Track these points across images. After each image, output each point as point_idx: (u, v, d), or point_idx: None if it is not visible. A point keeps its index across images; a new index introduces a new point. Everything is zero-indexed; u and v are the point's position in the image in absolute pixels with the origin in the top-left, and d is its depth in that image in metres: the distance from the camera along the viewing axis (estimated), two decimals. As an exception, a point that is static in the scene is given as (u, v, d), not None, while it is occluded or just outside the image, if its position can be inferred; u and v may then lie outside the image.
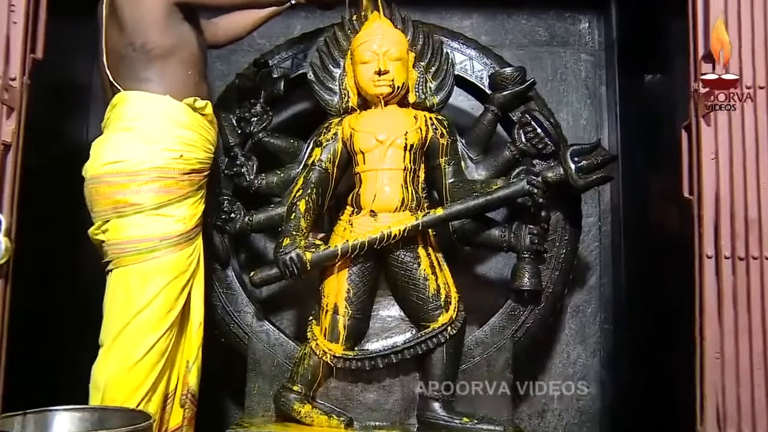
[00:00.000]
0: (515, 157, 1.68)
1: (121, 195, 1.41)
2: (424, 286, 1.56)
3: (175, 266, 1.44)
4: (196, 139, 1.49)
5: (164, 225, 1.43)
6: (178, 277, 1.45)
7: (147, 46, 1.44)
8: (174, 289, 1.44)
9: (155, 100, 1.45)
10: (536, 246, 1.61)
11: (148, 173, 1.42)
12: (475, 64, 1.79)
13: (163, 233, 1.43)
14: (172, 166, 1.44)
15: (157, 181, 1.42)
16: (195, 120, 1.49)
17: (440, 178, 1.65)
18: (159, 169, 1.43)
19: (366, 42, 1.62)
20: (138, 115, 1.44)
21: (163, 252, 1.42)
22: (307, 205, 1.58)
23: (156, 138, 1.44)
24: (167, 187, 1.44)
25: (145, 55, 1.44)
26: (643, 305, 1.91)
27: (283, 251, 1.49)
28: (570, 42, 2.24)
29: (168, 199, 1.44)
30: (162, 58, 1.45)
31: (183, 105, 1.47)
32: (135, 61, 1.45)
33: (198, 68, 1.53)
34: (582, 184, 1.56)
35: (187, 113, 1.48)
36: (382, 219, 1.56)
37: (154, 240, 1.42)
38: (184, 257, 1.46)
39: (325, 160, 1.64)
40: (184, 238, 1.46)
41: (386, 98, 1.62)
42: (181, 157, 1.45)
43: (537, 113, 1.69)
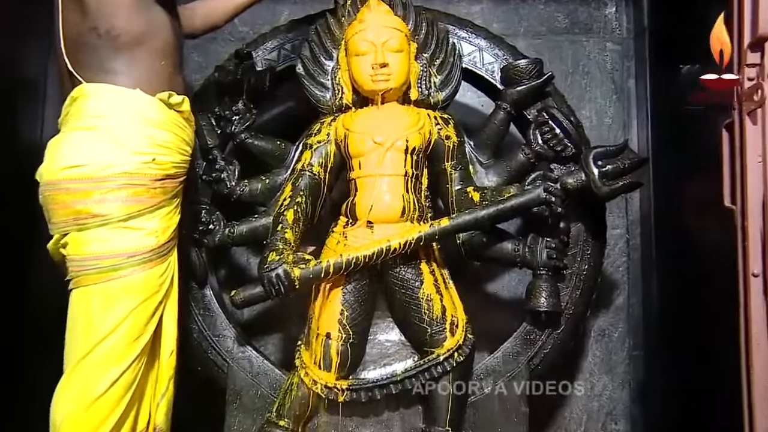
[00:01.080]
0: (530, 160, 1.71)
1: (83, 204, 1.39)
2: (427, 307, 1.59)
3: (144, 286, 1.43)
4: (170, 139, 1.49)
5: (133, 239, 1.42)
6: (149, 299, 1.44)
7: (113, 31, 1.43)
8: (143, 312, 1.43)
9: (123, 94, 1.44)
10: (554, 261, 1.64)
11: (114, 179, 1.40)
12: (486, 56, 1.83)
13: (132, 249, 1.42)
14: (143, 171, 1.43)
15: (125, 189, 1.41)
16: (169, 118, 1.49)
17: (446, 184, 1.68)
18: (127, 175, 1.41)
19: (362, 31, 1.66)
20: (103, 112, 1.43)
21: (131, 270, 1.41)
22: (296, 216, 1.60)
23: (124, 138, 1.42)
24: (137, 196, 1.42)
25: (112, 42, 1.43)
26: (678, 329, 1.93)
27: (268, 267, 1.50)
28: (594, 29, 2.28)
29: (138, 210, 1.43)
30: (131, 47, 1.45)
31: (155, 100, 1.47)
32: (99, 49, 1.44)
33: (172, 59, 1.52)
34: (607, 191, 1.58)
35: (161, 110, 1.47)
36: (381, 231, 1.59)
37: (121, 256, 1.40)
38: (156, 276, 1.45)
39: (316, 164, 1.67)
40: (155, 255, 1.45)
41: (385, 95, 1.66)
42: (154, 160, 1.45)
43: (555, 111, 1.72)
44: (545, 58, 1.89)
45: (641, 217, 2.19)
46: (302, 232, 1.62)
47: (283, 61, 1.85)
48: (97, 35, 1.43)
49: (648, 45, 2.18)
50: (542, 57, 1.84)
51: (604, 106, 2.23)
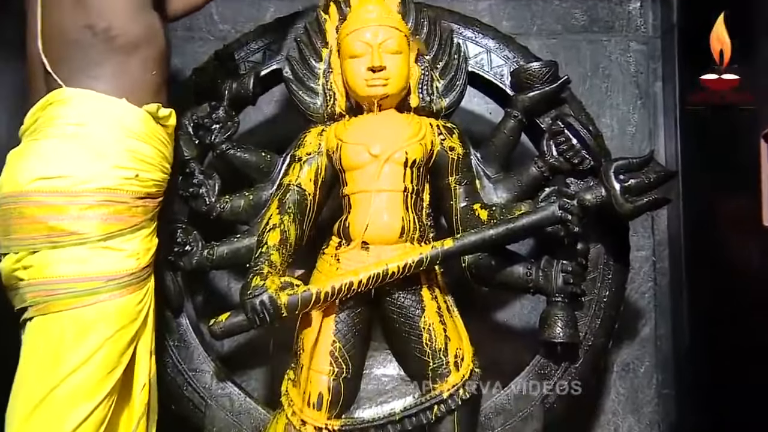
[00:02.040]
0: (544, 174, 1.74)
1: (57, 220, 1.40)
2: (429, 338, 1.60)
3: (122, 314, 1.44)
4: (153, 155, 1.51)
5: (112, 261, 1.44)
6: (125, 328, 1.45)
7: (111, 32, 1.44)
8: (118, 342, 1.44)
9: (108, 103, 1.46)
10: (571, 287, 1.65)
11: (93, 195, 1.42)
12: (494, 58, 1.86)
13: (111, 271, 1.43)
14: (125, 187, 1.45)
15: (106, 206, 1.43)
16: (154, 132, 1.52)
17: (450, 201, 1.71)
18: (108, 191, 1.43)
19: (357, 30, 1.69)
20: (84, 119, 1.44)
21: (108, 295, 1.42)
22: (282, 236, 1.62)
23: (105, 151, 1.44)
24: (118, 214, 1.44)
25: (106, 43, 1.45)
26: (713, 364, 1.94)
27: (251, 293, 1.50)
28: (616, 27, 2.31)
29: (118, 229, 1.45)
30: (126, 51, 1.47)
31: (142, 112, 1.49)
32: (91, 50, 1.45)
33: (162, 70, 1.55)
34: (630, 208, 1.60)
35: (146, 123, 1.50)
36: (377, 253, 1.61)
37: (99, 279, 1.42)
38: (134, 303, 1.47)
39: (306, 178, 1.70)
40: (135, 279, 1.47)
41: (382, 101, 1.69)
42: (137, 176, 1.47)
43: (572, 119, 1.75)
44: (561, 59, 1.92)
45: (669, 237, 2.21)
46: (290, 254, 1.64)
47: (269, 63, 1.88)
48: (92, 34, 1.44)
49: (677, 44, 2.20)
50: (557, 59, 1.88)
51: (626, 113, 2.26)
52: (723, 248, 1.90)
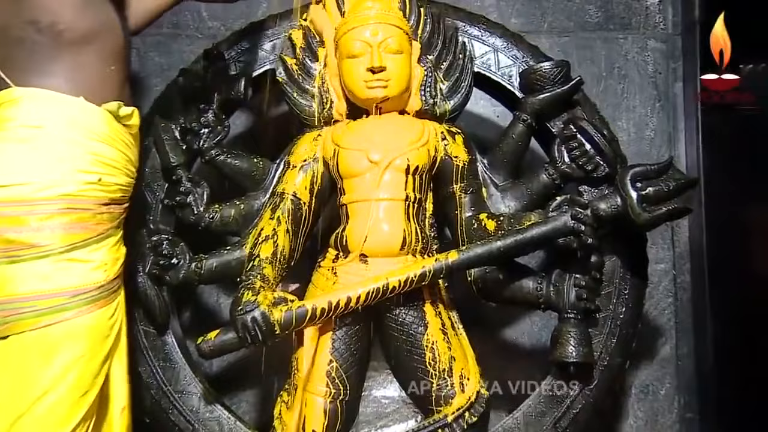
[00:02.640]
0: (555, 182, 1.74)
1: (15, 233, 1.37)
2: (432, 357, 1.62)
3: (92, 331, 1.43)
4: (117, 158, 1.50)
5: (78, 274, 1.43)
6: (97, 346, 1.44)
7: (57, 26, 1.43)
8: (91, 362, 1.43)
9: (64, 103, 1.44)
10: (585, 303, 1.65)
11: (54, 203, 1.40)
12: (502, 58, 1.87)
13: (77, 285, 1.42)
14: (88, 193, 1.44)
15: (68, 214, 1.41)
16: (117, 133, 1.50)
17: (454, 210, 1.73)
18: (70, 198, 1.42)
19: (355, 28, 1.70)
20: (39, 121, 1.42)
21: (75, 312, 1.41)
22: (276, 248, 1.64)
23: (65, 154, 1.42)
24: (82, 222, 1.43)
25: (54, 39, 1.43)
26: (739, 386, 1.95)
27: (242, 309, 1.51)
28: (632, 24, 2.31)
29: (83, 239, 1.43)
30: (77, 46, 1.45)
31: (102, 111, 1.48)
32: (38, 47, 1.43)
33: (122, 64, 1.54)
34: (648, 218, 1.60)
35: (107, 123, 1.48)
36: (377, 266, 1.62)
37: (64, 295, 1.40)
38: (105, 318, 1.46)
39: (300, 187, 1.71)
40: (104, 292, 1.46)
41: (382, 104, 1.70)
42: (100, 180, 1.46)
43: (585, 123, 1.75)
44: (573, 59, 1.93)
45: (691, 249, 2.21)
46: (283, 267, 1.66)
47: (262, 63, 1.89)
48: (36, 30, 1.42)
49: (699, 42, 2.19)
50: (570, 58, 1.89)
51: (644, 116, 2.27)
52: (749, 261, 1.91)
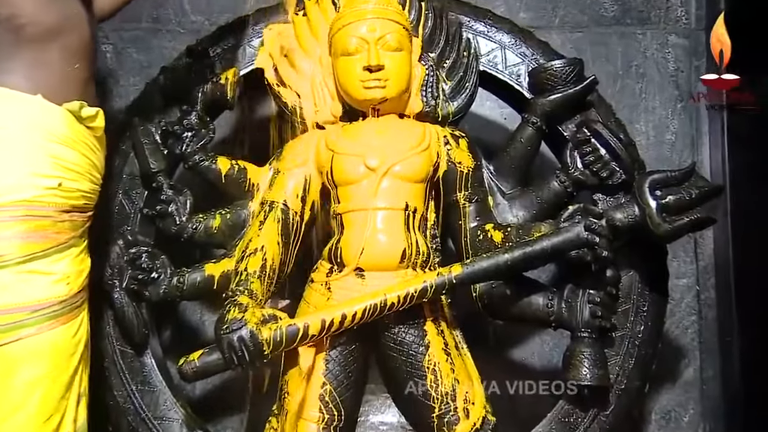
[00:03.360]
0: (568, 190, 1.76)
1: None
2: (434, 380, 1.61)
3: (55, 348, 1.44)
4: (79, 162, 1.51)
5: (38, 287, 1.43)
6: (61, 366, 1.45)
7: (17, 20, 1.43)
8: (56, 384, 1.44)
9: (21, 102, 1.44)
10: (600, 321, 1.66)
11: (10, 209, 1.40)
12: (510, 55, 1.88)
13: (38, 299, 1.43)
14: (47, 199, 1.44)
15: (26, 222, 1.41)
16: (78, 135, 1.51)
17: (458, 221, 1.74)
18: (28, 204, 1.42)
19: (350, 24, 1.71)
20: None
21: (36, 328, 1.42)
22: (264, 261, 1.64)
23: (22, 157, 1.42)
24: (41, 230, 1.43)
25: (13, 33, 1.44)
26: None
27: (228, 328, 1.51)
28: (652, 18, 2.33)
29: (42, 249, 1.44)
30: (38, 42, 1.46)
31: (63, 111, 1.48)
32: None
33: (87, 62, 1.55)
34: (668, 229, 1.60)
35: (68, 124, 1.49)
36: (374, 281, 1.63)
37: (24, 310, 1.41)
38: (69, 335, 1.47)
39: (291, 195, 1.72)
40: (67, 307, 1.47)
41: (380, 106, 1.72)
42: (60, 186, 1.46)
43: (600, 126, 1.75)
44: (587, 56, 1.93)
45: (716, 263, 2.22)
46: (273, 282, 1.66)
47: (250, 61, 1.90)
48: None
49: None
50: (583, 56, 1.88)
51: (665, 118, 2.28)
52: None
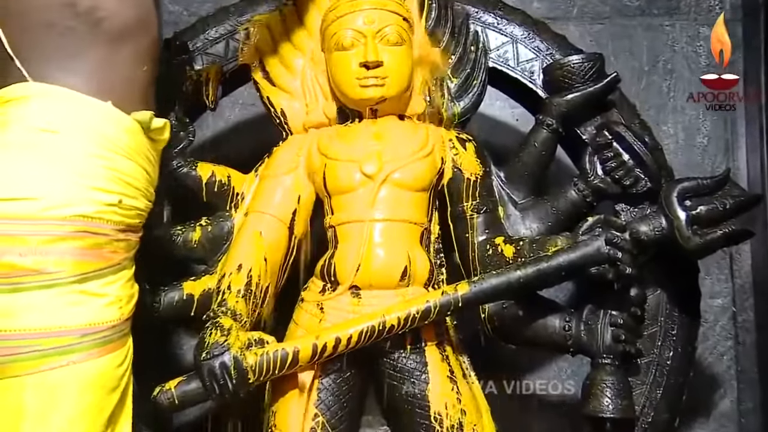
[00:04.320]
0: (587, 199, 1.76)
1: (13, 256, 1.35)
2: (438, 412, 1.61)
3: (100, 380, 1.42)
4: (138, 177, 1.50)
5: (90, 310, 1.41)
6: (104, 399, 1.43)
7: (97, 13, 1.43)
8: (97, 418, 1.42)
9: (88, 107, 1.43)
10: (623, 346, 1.65)
11: (66, 223, 1.38)
12: (522, 50, 1.88)
13: (88, 323, 1.41)
14: (107, 216, 1.43)
15: (82, 239, 1.40)
16: (141, 147, 1.51)
17: (465, 233, 1.74)
18: (86, 219, 1.40)
19: (345, 15, 1.72)
20: (55, 125, 1.41)
21: (84, 355, 1.39)
22: (250, 279, 1.65)
23: (83, 168, 1.41)
24: (97, 249, 1.42)
25: (91, 28, 1.44)
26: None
27: (209, 353, 1.51)
28: (681, 8, 2.34)
29: (97, 269, 1.42)
30: (114, 39, 1.46)
31: (131, 122, 1.48)
32: (69, 36, 1.43)
33: (154, 63, 1.56)
34: (699, 243, 1.60)
35: (134, 135, 1.49)
36: (372, 300, 1.63)
37: (73, 334, 1.39)
38: (113, 366, 1.45)
39: (280, 205, 1.73)
40: (117, 333, 1.46)
41: (378, 106, 1.73)
42: (120, 203, 1.45)
43: (623, 128, 1.76)
44: (608, 51, 1.94)
45: (754, 281, 2.22)
46: (259, 302, 1.66)
47: (234, 56, 1.90)
48: (73, 14, 1.43)
49: (763, 29, 2.21)
50: (604, 50, 1.92)
51: (695, 118, 2.28)
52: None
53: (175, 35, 1.94)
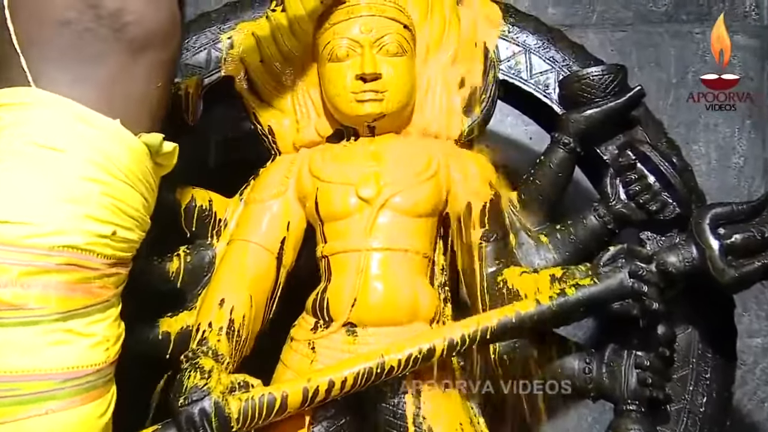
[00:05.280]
0: (608, 227, 1.77)
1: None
2: (443, 463, 1.62)
3: (82, 429, 1.42)
4: (137, 206, 1.48)
5: (74, 351, 1.39)
6: None
7: (123, 17, 1.40)
8: None
9: (93, 124, 1.40)
10: (650, 390, 1.65)
11: (54, 254, 1.35)
12: (536, 61, 1.89)
13: (72, 366, 1.39)
14: (98, 248, 1.40)
15: (70, 272, 1.37)
16: (144, 173, 1.48)
17: (473, 264, 1.74)
18: (75, 251, 1.37)
19: (340, 23, 1.73)
20: (55, 141, 1.37)
21: (64, 403, 1.37)
22: (233, 314, 1.65)
23: (79, 192, 1.38)
24: (85, 284, 1.40)
25: (114, 32, 1.41)
26: None
27: (187, 398, 1.51)
28: (712, 14, 2.34)
29: (84, 306, 1.40)
30: (133, 50, 1.43)
31: (139, 144, 1.46)
32: (88, 39, 1.40)
33: (170, 81, 1.55)
34: (735, 276, 1.59)
35: (140, 160, 1.46)
36: (369, 339, 1.64)
37: (53, 378, 1.36)
38: (96, 414, 1.44)
39: (267, 232, 1.74)
40: (101, 379, 1.44)
41: (376, 123, 1.74)
42: (114, 234, 1.42)
43: (648, 148, 1.76)
44: (632, 61, 1.95)
45: (800, 319, 2.23)
46: (244, 341, 1.67)
47: (217, 67, 1.91)
48: (95, 15, 1.40)
49: None
50: (627, 61, 1.92)
51: (729, 137, 2.30)
52: None
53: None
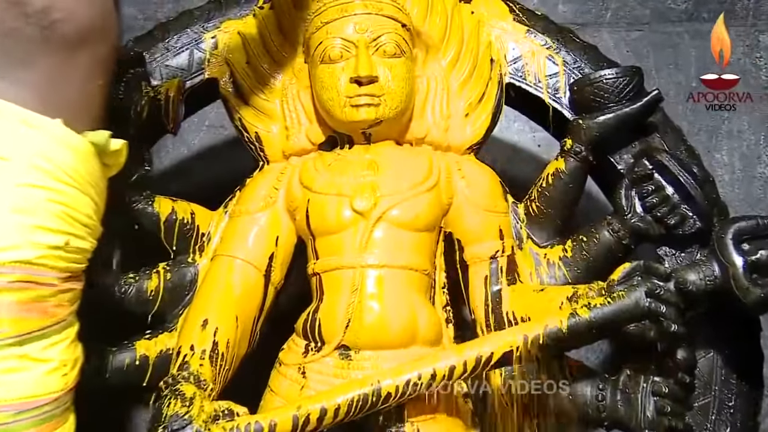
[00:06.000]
0: (623, 242, 1.77)
1: None
2: (444, 498, 1.62)
3: None
4: (88, 212, 1.46)
5: (29, 379, 1.38)
6: None
7: (52, 14, 1.39)
8: None
9: (33, 126, 1.39)
10: (669, 420, 1.63)
11: (4, 271, 1.34)
12: (545, 63, 1.91)
13: (27, 396, 1.37)
14: (51, 261, 1.38)
15: (22, 291, 1.35)
16: (93, 175, 1.47)
17: (477, 282, 1.76)
18: (27, 266, 1.35)
19: (333, 21, 1.73)
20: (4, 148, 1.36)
21: None
22: (217, 337, 1.66)
23: (25, 203, 1.37)
24: (40, 302, 1.38)
25: (44, 32, 1.40)
26: None
27: (166, 428, 1.51)
28: (737, 12, 2.37)
29: (39, 328, 1.39)
30: (67, 48, 1.43)
31: (84, 143, 1.44)
32: (15, 39, 1.40)
33: (110, 77, 1.54)
34: (759, 295, 1.59)
35: (86, 161, 1.45)
36: (364, 363, 1.63)
37: (7, 410, 1.35)
38: None
39: (254, 248, 1.75)
40: (59, 408, 1.43)
41: (372, 129, 1.75)
42: (66, 245, 1.41)
43: (666, 157, 1.77)
44: (648, 63, 1.95)
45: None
46: (229, 365, 1.67)
47: (199, 69, 1.92)
48: (21, 14, 1.39)
49: None
50: (643, 63, 1.92)
51: (754, 144, 2.30)
52: None
53: (128, 44, 1.93)
